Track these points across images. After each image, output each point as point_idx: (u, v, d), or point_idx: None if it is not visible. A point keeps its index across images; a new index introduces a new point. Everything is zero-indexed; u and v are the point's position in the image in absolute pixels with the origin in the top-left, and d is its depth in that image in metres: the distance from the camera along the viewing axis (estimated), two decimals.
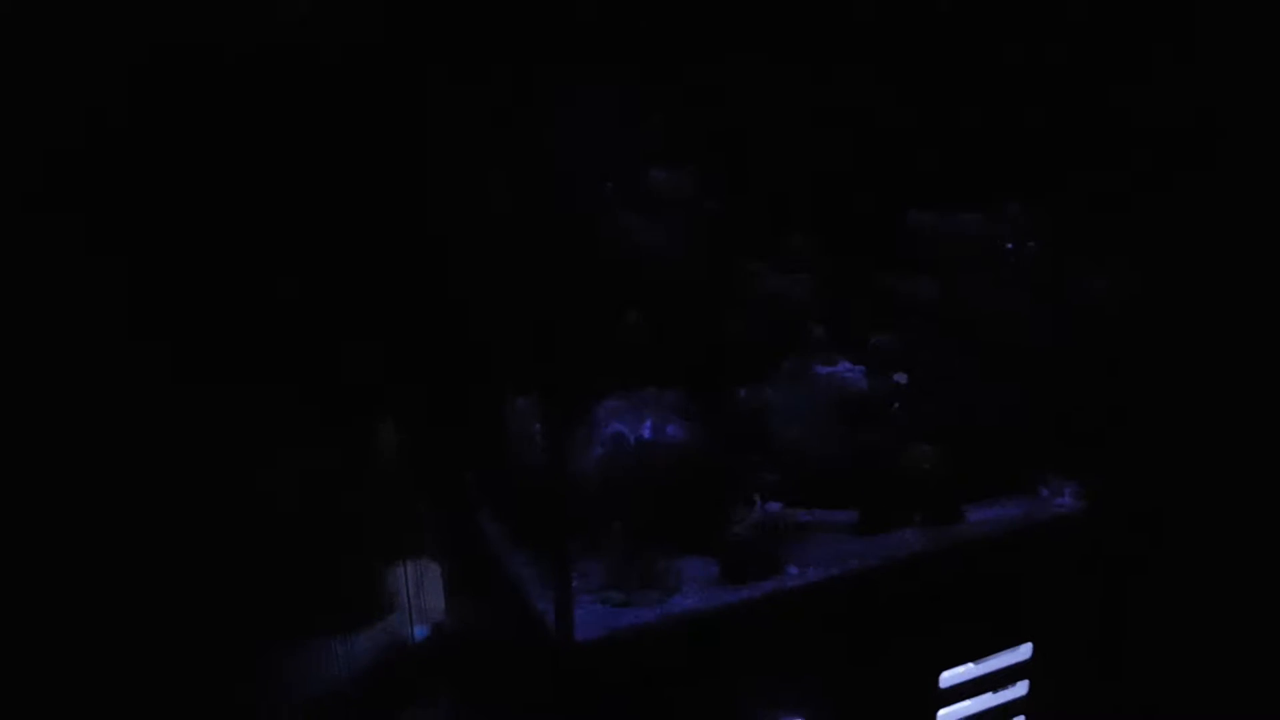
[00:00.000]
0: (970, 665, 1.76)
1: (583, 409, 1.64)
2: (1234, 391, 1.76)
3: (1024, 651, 1.80)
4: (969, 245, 1.81)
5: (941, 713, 1.74)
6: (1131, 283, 1.80)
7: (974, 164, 1.98)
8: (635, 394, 1.67)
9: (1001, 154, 1.96)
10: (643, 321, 1.70)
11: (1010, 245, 1.79)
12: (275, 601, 2.06)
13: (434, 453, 2.07)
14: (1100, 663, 1.89)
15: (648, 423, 1.59)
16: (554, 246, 1.31)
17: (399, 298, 1.92)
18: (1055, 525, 1.74)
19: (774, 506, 1.60)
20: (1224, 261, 1.74)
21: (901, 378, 1.74)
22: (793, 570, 1.58)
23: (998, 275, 1.79)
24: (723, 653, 1.54)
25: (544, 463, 1.42)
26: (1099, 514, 1.76)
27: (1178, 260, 1.77)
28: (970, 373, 1.77)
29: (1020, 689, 1.82)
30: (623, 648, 1.47)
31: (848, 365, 1.75)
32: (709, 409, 1.68)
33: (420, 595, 2.28)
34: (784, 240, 1.96)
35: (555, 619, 1.43)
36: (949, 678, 1.73)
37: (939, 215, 1.90)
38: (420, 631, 2.30)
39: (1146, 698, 1.91)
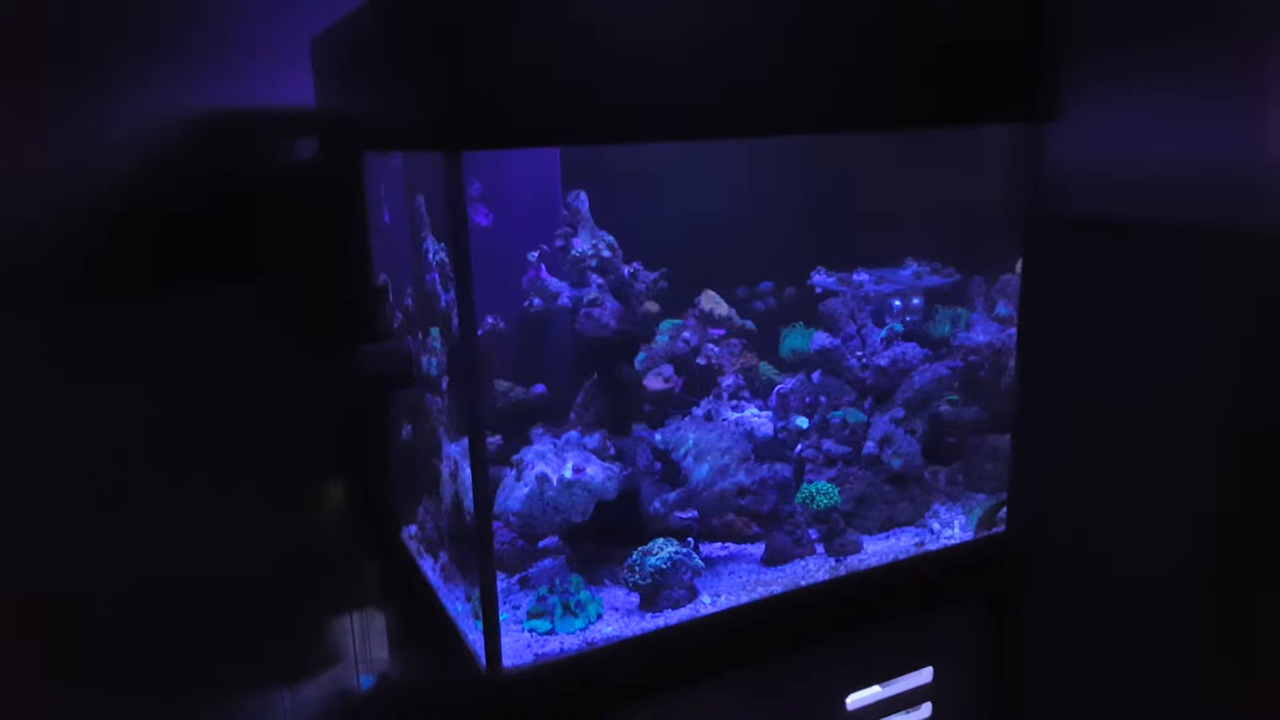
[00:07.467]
0: (877, 688, 1.89)
1: (511, 452, 1.79)
2: (1108, 428, 1.94)
3: (925, 675, 1.93)
4: (863, 302, 2.01)
5: None
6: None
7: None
8: (562, 436, 1.82)
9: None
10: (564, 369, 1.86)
11: (898, 304, 1.99)
12: (222, 656, 2.13)
13: (373, 502, 2.18)
14: (996, 684, 2.03)
15: (570, 463, 1.73)
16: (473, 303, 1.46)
17: (338, 358, 2.05)
18: (946, 555, 1.90)
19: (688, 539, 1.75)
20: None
21: (803, 421, 1.91)
22: (705, 599, 1.72)
23: (890, 329, 1.99)
24: (640, 677, 1.66)
25: (473, 504, 1.55)
26: (985, 544, 1.93)
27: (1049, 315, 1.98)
28: (865, 414, 1.95)
29: (925, 711, 1.95)
30: (548, 673, 1.59)
31: (755, 410, 1.92)
32: (628, 449, 1.83)
33: (366, 644, 2.35)
34: (700, 299, 2.14)
35: (485, 648, 1.56)
36: (855, 700, 1.86)
37: (838, 277, 2.10)
38: (366, 680, 2.37)
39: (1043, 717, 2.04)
